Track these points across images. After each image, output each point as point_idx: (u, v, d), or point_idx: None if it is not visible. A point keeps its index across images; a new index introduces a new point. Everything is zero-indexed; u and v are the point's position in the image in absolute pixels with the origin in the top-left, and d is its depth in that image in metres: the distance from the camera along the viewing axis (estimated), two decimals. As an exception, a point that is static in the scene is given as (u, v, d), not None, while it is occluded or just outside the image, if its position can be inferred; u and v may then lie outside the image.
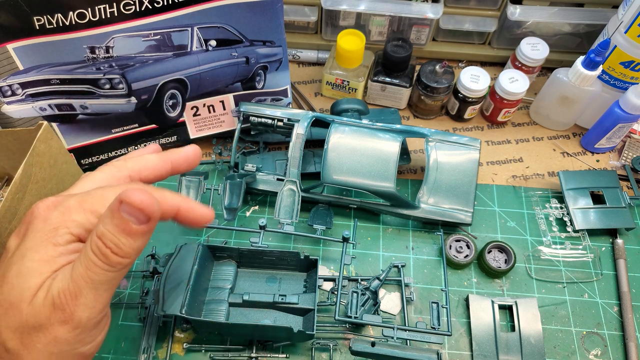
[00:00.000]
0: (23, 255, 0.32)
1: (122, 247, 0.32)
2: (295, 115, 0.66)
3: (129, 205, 0.31)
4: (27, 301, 0.31)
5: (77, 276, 0.31)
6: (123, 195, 0.31)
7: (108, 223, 0.31)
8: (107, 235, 0.31)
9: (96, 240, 0.32)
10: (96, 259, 0.32)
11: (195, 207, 0.38)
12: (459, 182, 0.66)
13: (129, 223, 0.31)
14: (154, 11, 0.57)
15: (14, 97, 0.60)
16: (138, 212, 0.31)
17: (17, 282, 0.32)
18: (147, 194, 0.31)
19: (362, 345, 0.51)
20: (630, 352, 0.59)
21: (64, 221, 0.33)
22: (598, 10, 0.74)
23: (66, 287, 0.31)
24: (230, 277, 0.59)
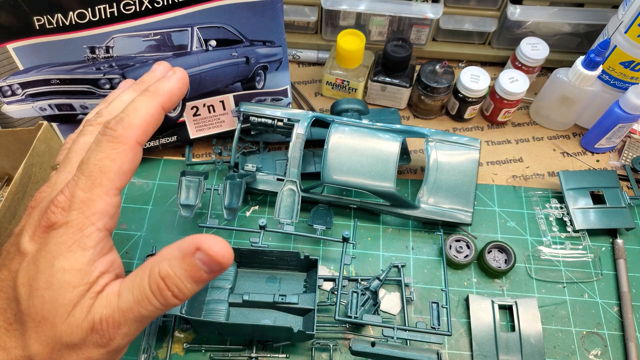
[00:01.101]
0: (51, 264, 0.30)
1: (185, 291, 0.30)
2: (295, 115, 0.66)
3: (208, 255, 0.29)
4: (62, 318, 0.30)
5: (125, 308, 0.30)
6: (202, 243, 0.29)
7: (176, 266, 0.30)
8: (173, 278, 0.30)
9: (158, 280, 0.30)
10: (153, 298, 0.30)
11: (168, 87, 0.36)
12: (459, 182, 0.66)
13: (200, 271, 0.30)
14: (154, 11, 0.57)
15: (14, 97, 0.60)
16: (215, 264, 0.29)
17: (49, 295, 0.30)
18: (227, 245, 0.29)
19: (362, 345, 0.51)
20: (630, 352, 0.59)
21: (87, 218, 0.31)
22: (598, 10, 0.74)
23: (110, 316, 0.30)
24: (230, 277, 0.59)
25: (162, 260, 0.30)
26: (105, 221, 0.32)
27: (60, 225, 0.31)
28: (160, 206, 0.69)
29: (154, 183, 0.71)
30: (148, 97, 0.35)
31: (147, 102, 0.35)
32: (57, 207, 0.31)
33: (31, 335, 0.30)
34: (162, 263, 0.30)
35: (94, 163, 0.32)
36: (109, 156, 0.32)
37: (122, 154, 0.32)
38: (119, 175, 0.32)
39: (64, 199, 0.31)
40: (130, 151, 0.33)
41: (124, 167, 0.32)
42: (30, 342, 0.30)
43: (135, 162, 0.34)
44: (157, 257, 0.31)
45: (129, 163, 0.33)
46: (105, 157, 0.32)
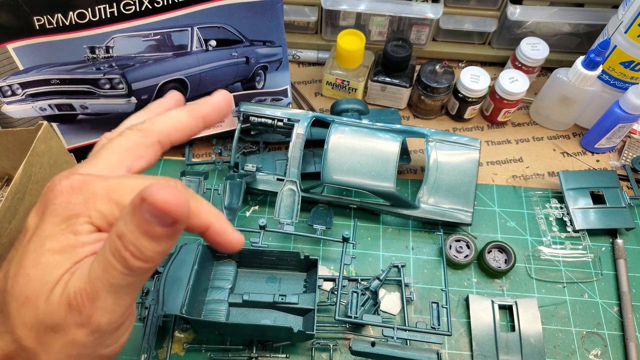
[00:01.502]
0: (41, 243, 0.29)
1: (144, 250, 0.27)
2: (295, 115, 0.66)
3: (153, 205, 0.25)
4: (44, 297, 0.28)
5: (94, 277, 0.28)
6: (146, 192, 0.25)
7: (129, 222, 0.27)
8: (127, 236, 0.27)
9: (115, 240, 0.27)
10: (115, 261, 0.27)
11: (228, 230, 0.33)
12: (459, 182, 0.66)
13: (151, 225, 0.26)
14: (154, 11, 0.57)
15: (14, 97, 0.60)
16: (162, 214, 0.26)
17: (34, 273, 0.28)
18: (175, 193, 0.26)
19: (362, 345, 0.51)
20: (630, 352, 0.59)
21: (87, 209, 0.29)
22: (598, 10, 0.74)
23: (83, 288, 0.28)
24: (230, 277, 0.59)
25: (120, 218, 0.27)
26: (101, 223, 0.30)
27: (61, 202, 0.29)
28: (160, 206, 0.69)
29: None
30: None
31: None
32: (68, 182, 0.30)
33: (15, 317, 0.28)
34: (119, 222, 0.27)
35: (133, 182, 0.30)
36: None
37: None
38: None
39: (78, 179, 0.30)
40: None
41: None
42: (16, 325, 0.28)
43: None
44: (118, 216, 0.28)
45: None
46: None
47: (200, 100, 0.37)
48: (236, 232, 0.34)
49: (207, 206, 0.32)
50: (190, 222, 0.31)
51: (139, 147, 0.34)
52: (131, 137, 0.34)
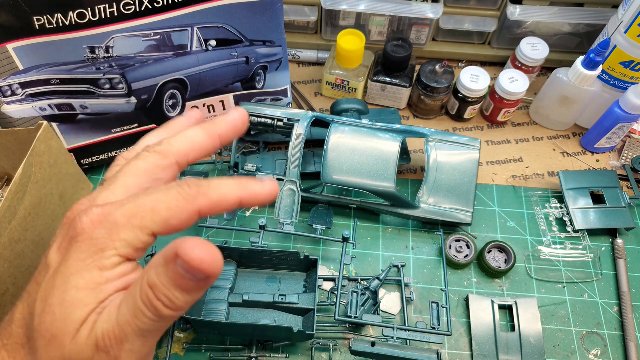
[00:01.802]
0: (67, 281, 0.29)
1: (175, 301, 0.28)
2: (295, 115, 0.66)
3: (187, 263, 0.26)
4: (70, 336, 0.28)
5: (123, 322, 0.28)
6: (181, 250, 0.26)
7: (161, 274, 0.27)
8: (159, 287, 0.28)
9: (147, 289, 0.28)
10: (146, 309, 0.28)
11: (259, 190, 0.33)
12: (459, 182, 0.66)
13: (185, 279, 0.27)
14: (154, 11, 0.57)
15: (14, 97, 0.60)
16: (197, 272, 0.27)
17: (60, 312, 0.29)
18: (209, 252, 0.26)
19: (362, 345, 0.51)
20: (630, 352, 0.59)
21: (112, 241, 0.30)
22: (598, 10, 0.74)
23: (111, 331, 0.28)
24: (230, 277, 0.59)
25: (150, 268, 0.28)
26: (129, 251, 0.30)
27: (84, 239, 0.30)
28: (160, 206, 0.69)
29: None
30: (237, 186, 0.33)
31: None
32: (87, 217, 0.30)
33: (43, 354, 0.29)
34: (150, 271, 0.28)
35: (152, 200, 0.30)
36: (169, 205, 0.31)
37: (181, 211, 0.31)
38: (164, 223, 0.31)
39: (98, 213, 0.30)
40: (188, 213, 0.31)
41: (172, 222, 0.31)
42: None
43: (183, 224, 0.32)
44: (148, 265, 0.29)
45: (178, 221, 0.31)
46: (165, 202, 0.30)
47: (217, 119, 0.37)
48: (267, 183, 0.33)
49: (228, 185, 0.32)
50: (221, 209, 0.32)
51: (157, 170, 0.34)
52: (149, 160, 0.34)
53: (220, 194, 0.31)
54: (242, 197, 0.32)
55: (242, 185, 0.33)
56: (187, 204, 0.30)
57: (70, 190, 0.60)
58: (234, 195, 0.32)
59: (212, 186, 0.31)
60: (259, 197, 0.33)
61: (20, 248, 0.50)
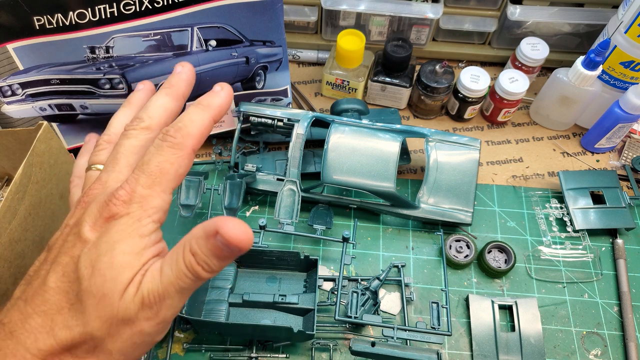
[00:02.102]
0: (112, 247, 0.34)
1: (212, 266, 0.34)
2: (295, 115, 0.66)
3: (225, 239, 0.32)
4: (119, 294, 0.33)
5: (167, 282, 0.34)
6: (222, 228, 0.32)
7: (202, 245, 0.33)
8: (199, 255, 0.33)
9: (189, 256, 0.34)
10: (187, 272, 0.34)
11: (219, 101, 0.40)
12: (459, 182, 0.66)
13: (222, 250, 0.33)
14: (154, 11, 0.57)
15: (14, 97, 0.60)
16: (233, 247, 0.33)
17: (109, 274, 0.33)
18: (243, 229, 0.32)
19: (362, 345, 0.51)
20: (630, 352, 0.59)
21: (145, 211, 0.35)
22: (598, 10, 0.74)
23: (155, 290, 0.34)
24: (230, 277, 0.59)
25: (192, 238, 0.34)
26: (160, 215, 0.36)
27: (122, 215, 0.35)
28: (160, 206, 0.69)
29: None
30: (202, 110, 0.39)
31: (201, 114, 0.38)
32: (118, 199, 0.35)
33: (92, 312, 0.33)
34: (192, 241, 0.34)
35: (155, 164, 0.36)
36: (169, 160, 0.36)
37: (180, 158, 0.36)
38: (175, 177, 0.36)
39: (125, 193, 0.35)
40: (187, 157, 0.37)
41: (180, 171, 0.37)
42: (91, 318, 0.33)
43: (189, 166, 0.38)
44: (189, 235, 0.34)
45: (185, 167, 0.37)
46: (165, 160, 0.36)
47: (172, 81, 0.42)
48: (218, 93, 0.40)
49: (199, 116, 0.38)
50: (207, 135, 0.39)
51: (149, 143, 0.38)
52: (140, 137, 0.39)
53: (199, 126, 0.37)
54: (213, 115, 0.39)
55: (206, 105, 0.39)
56: (181, 151, 0.36)
57: (70, 190, 0.60)
58: (208, 119, 0.38)
59: (188, 123, 0.37)
60: (223, 107, 0.39)
61: (20, 248, 0.50)
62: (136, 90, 0.47)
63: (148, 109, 0.40)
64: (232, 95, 0.41)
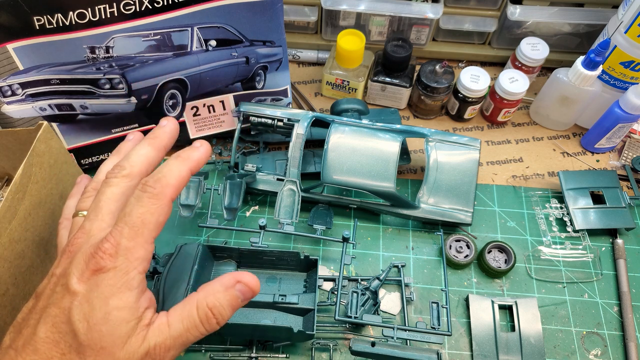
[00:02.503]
0: (105, 303, 0.36)
1: (225, 317, 0.38)
2: (295, 115, 0.66)
3: (246, 286, 0.39)
4: (119, 347, 0.35)
5: (176, 335, 0.37)
6: (243, 278, 0.39)
7: (222, 298, 0.38)
8: (218, 307, 0.38)
9: (207, 310, 0.38)
10: (201, 325, 0.38)
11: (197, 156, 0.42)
12: (459, 182, 0.66)
13: (238, 299, 0.39)
14: (154, 11, 0.57)
15: (14, 97, 0.60)
16: (250, 292, 0.39)
17: (106, 329, 0.35)
18: (257, 280, 0.40)
19: (362, 345, 0.51)
20: (630, 352, 0.59)
21: (131, 263, 0.37)
22: (598, 10, 0.74)
23: (163, 342, 0.37)
24: (230, 277, 0.59)
25: (207, 295, 0.38)
26: (144, 265, 0.38)
27: (109, 269, 0.36)
28: (160, 206, 0.69)
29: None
30: (181, 162, 0.40)
31: (180, 166, 0.40)
32: (105, 253, 0.36)
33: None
34: (208, 297, 0.38)
35: (137, 216, 0.37)
36: (149, 210, 0.37)
37: (160, 208, 0.38)
38: (156, 226, 0.38)
39: (110, 246, 0.36)
40: (166, 206, 0.38)
41: (160, 219, 0.38)
42: None
43: (168, 214, 0.39)
44: (201, 293, 0.39)
45: (164, 216, 0.39)
46: (146, 211, 0.37)
47: (156, 133, 0.44)
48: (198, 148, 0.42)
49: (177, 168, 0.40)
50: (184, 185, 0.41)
51: (130, 190, 0.40)
52: (121, 185, 0.40)
53: (177, 176, 0.39)
54: (191, 167, 0.40)
55: (185, 158, 0.40)
56: (161, 201, 0.38)
57: (70, 190, 0.59)
58: (186, 170, 0.40)
59: (167, 174, 0.39)
60: (201, 160, 0.41)
61: (20, 248, 0.50)
62: (126, 140, 0.49)
63: (130, 158, 0.42)
64: (210, 152, 0.43)
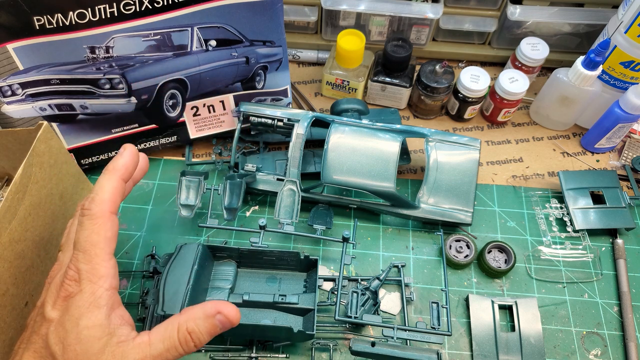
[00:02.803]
0: (76, 324, 0.39)
1: (203, 341, 0.42)
2: (295, 115, 0.66)
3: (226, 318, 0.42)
4: None
5: (156, 354, 0.40)
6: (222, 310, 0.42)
7: (201, 325, 0.41)
8: (196, 333, 0.41)
9: (186, 334, 0.41)
10: (180, 347, 0.41)
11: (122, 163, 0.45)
12: (459, 182, 0.66)
13: (217, 328, 0.42)
14: (154, 11, 0.57)
15: (14, 97, 0.60)
16: (228, 323, 0.42)
17: (80, 348, 0.38)
18: (237, 312, 0.43)
19: (362, 345, 0.51)
20: (630, 352, 0.59)
21: (95, 283, 0.40)
22: (598, 10, 0.74)
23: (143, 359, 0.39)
24: (230, 277, 0.59)
25: (189, 319, 0.41)
26: (110, 281, 0.40)
27: (76, 293, 0.39)
28: (160, 206, 0.69)
29: (154, 183, 0.71)
30: (109, 175, 0.44)
31: (109, 179, 0.43)
32: (70, 280, 0.40)
33: None
34: (189, 322, 0.41)
35: (83, 240, 0.40)
36: (92, 231, 0.41)
37: (101, 226, 0.41)
38: (106, 242, 0.41)
39: (73, 273, 0.40)
40: (108, 221, 0.41)
41: (108, 234, 0.41)
42: None
43: (114, 228, 0.42)
44: (183, 317, 0.41)
45: (111, 229, 0.42)
46: (90, 233, 0.40)
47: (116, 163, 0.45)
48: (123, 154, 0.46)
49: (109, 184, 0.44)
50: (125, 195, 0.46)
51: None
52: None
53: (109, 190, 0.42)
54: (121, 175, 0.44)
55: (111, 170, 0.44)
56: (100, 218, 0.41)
57: (70, 190, 0.60)
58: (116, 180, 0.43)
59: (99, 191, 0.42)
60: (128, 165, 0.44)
61: (20, 248, 0.50)
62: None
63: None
64: (135, 153, 0.46)
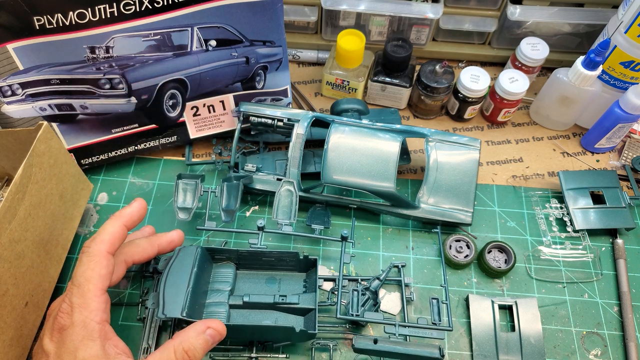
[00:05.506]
0: (74, 357, 0.42)
1: (199, 358, 0.45)
2: (295, 115, 0.66)
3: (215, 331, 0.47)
4: None
5: None
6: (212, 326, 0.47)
7: (195, 342, 0.45)
8: (192, 350, 0.45)
9: (183, 353, 0.44)
10: None
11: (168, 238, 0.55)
12: (459, 182, 0.66)
13: (209, 342, 0.46)
14: (154, 11, 0.57)
15: (14, 97, 0.60)
16: (218, 336, 0.47)
17: None
18: (222, 324, 0.48)
19: (364, 342, 0.51)
20: (630, 352, 0.59)
21: (86, 317, 0.43)
22: (598, 10, 0.74)
23: None
24: (229, 279, 0.59)
25: (183, 340, 0.45)
26: (101, 315, 0.43)
27: (69, 326, 0.42)
28: (160, 206, 0.69)
29: (154, 183, 0.71)
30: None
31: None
32: (63, 313, 0.43)
33: None
34: (184, 342, 0.45)
35: (79, 275, 0.44)
36: (88, 267, 0.44)
37: (97, 263, 0.45)
38: (100, 278, 0.44)
39: (66, 307, 0.43)
40: (104, 259, 0.45)
41: (102, 272, 0.45)
42: None
43: (109, 267, 0.46)
44: (177, 340, 0.45)
45: (105, 268, 0.45)
46: (86, 269, 0.44)
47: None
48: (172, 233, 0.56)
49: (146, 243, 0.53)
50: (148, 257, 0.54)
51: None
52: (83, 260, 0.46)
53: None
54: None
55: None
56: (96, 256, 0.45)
57: (70, 190, 0.60)
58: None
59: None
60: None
61: (20, 248, 0.50)
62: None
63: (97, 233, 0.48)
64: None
